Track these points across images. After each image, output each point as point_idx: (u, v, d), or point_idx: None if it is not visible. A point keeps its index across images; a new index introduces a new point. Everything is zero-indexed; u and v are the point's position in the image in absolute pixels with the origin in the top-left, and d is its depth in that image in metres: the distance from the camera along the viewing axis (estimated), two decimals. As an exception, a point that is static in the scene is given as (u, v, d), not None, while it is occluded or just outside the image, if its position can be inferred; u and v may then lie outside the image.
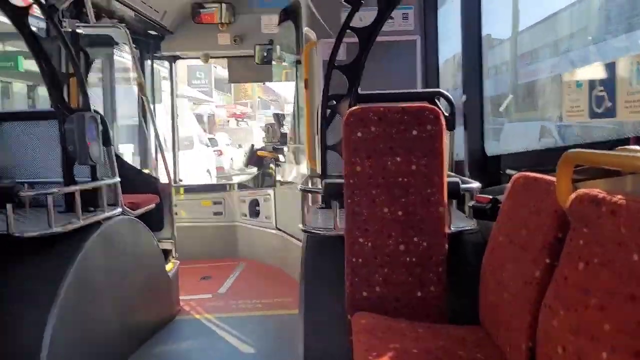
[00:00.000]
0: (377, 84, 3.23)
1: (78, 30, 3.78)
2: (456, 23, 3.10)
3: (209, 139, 16.02)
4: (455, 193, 2.25)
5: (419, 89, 3.60)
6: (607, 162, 1.14)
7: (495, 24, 3.55)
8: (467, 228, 2.36)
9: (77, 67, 2.97)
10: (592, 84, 2.01)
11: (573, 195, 1.20)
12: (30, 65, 11.07)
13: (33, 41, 2.74)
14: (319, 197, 3.02)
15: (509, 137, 3.91)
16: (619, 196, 1.06)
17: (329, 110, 3.00)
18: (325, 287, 2.36)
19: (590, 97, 1.99)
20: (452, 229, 2.27)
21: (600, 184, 1.27)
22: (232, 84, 21.11)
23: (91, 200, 2.87)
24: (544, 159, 2.44)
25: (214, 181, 12.26)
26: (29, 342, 2.21)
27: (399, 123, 2.10)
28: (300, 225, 2.51)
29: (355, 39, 2.89)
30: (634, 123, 1.83)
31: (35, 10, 2.87)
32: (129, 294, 3.15)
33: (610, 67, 1.98)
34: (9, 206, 2.32)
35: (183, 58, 6.11)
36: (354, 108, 2.22)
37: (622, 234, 1.02)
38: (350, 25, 2.87)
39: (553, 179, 1.40)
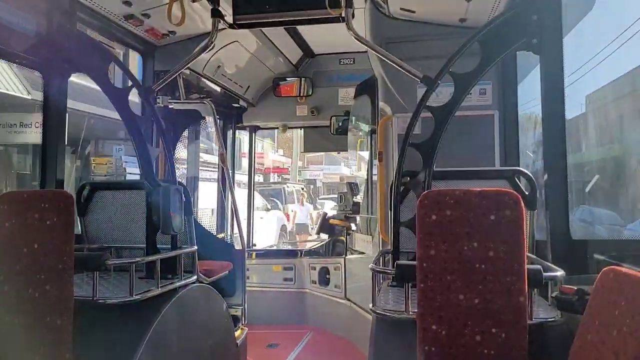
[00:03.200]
0: (452, 159, 3.17)
1: (170, 106, 4.13)
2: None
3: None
4: (538, 282, 2.11)
5: (498, 167, 3.50)
6: None
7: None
8: (550, 319, 2.18)
9: (165, 142, 3.22)
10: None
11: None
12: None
13: (130, 120, 3.03)
14: None
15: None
16: None
17: (402, 187, 2.98)
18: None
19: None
20: (534, 320, 2.11)
21: None
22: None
23: (170, 266, 3.00)
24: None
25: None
26: None
27: (476, 207, 2.03)
28: (370, 305, 2.44)
29: (431, 114, 2.89)
30: None
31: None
32: None
33: None
34: (96, 274, 2.47)
35: (263, 128, 6.43)
36: (428, 191, 2.20)
37: None
38: (427, 104, 2.89)
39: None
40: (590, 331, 1.63)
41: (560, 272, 2.22)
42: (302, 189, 22.39)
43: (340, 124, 5.72)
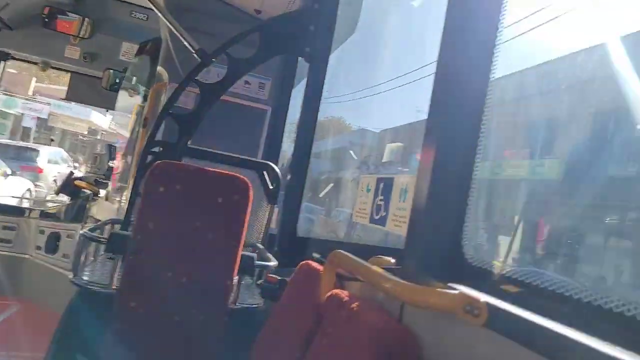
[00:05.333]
0: (221, 143, 3.15)
1: None
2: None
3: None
4: (249, 269, 2.16)
5: (254, 158, 3.59)
6: (359, 272, 1.14)
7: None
8: (253, 305, 2.26)
9: None
10: (376, 191, 2.14)
11: (328, 294, 1.17)
12: None
13: None
14: None
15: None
16: (357, 303, 1.04)
17: (151, 157, 2.78)
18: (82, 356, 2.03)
19: (373, 203, 2.11)
20: (237, 305, 2.15)
21: (356, 286, 1.26)
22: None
23: None
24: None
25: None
26: None
27: (206, 187, 1.98)
28: (71, 275, 2.17)
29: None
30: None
31: None
32: None
33: (390, 181, 2.12)
34: None
35: (16, 59, 5.38)
36: (161, 161, 2.07)
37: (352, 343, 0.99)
38: (196, 78, 2.78)
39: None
40: (276, 315, 1.71)
41: (273, 263, 2.32)
42: None
43: (117, 80, 5.17)
